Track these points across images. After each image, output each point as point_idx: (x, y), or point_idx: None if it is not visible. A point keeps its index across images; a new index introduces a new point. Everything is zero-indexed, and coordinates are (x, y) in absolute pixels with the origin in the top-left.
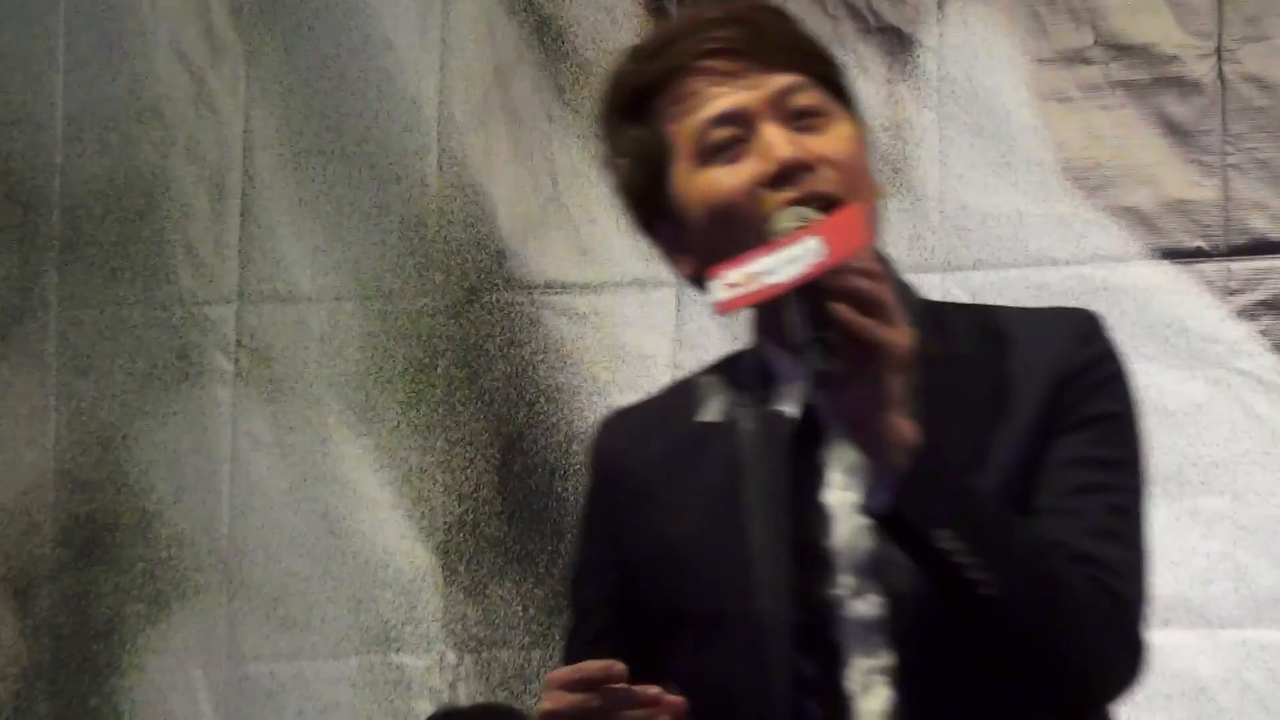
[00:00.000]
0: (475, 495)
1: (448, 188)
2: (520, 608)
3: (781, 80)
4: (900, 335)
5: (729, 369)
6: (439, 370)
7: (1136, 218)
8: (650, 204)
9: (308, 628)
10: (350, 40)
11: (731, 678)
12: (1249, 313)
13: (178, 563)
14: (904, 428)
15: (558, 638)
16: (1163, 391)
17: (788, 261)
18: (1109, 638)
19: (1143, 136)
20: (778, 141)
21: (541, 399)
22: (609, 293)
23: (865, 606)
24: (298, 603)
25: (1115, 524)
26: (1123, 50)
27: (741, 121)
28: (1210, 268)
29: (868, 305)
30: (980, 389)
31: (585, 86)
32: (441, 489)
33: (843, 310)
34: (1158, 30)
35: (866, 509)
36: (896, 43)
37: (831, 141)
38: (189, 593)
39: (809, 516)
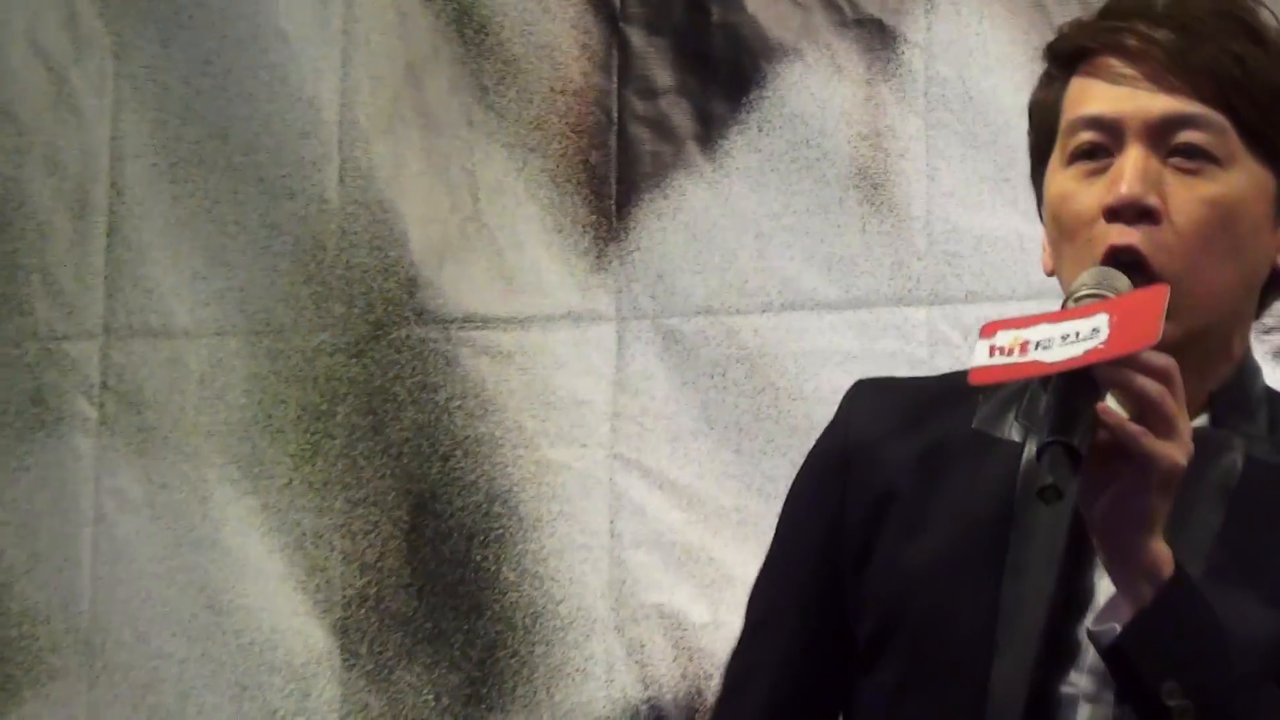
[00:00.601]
0: (379, 565)
1: (350, 204)
2: (431, 696)
3: (1175, 103)
4: (1174, 454)
5: (1021, 387)
6: (338, 418)
7: None
8: (1038, 178)
9: (183, 719)
10: (237, 32)
11: None
12: None
13: (30, 643)
14: (1159, 553)
15: None
16: None
17: (1068, 339)
18: None
19: None
20: (1130, 173)
21: (458, 451)
22: (538, 328)
23: (1091, 714)
24: (171, 690)
25: None
26: None
27: (1112, 133)
28: None
29: (1145, 409)
30: None
31: (512, 86)
32: (340, 557)
33: (1110, 414)
34: None
35: (1090, 633)
36: (878, 37)
37: (1197, 197)
38: (43, 678)
39: (1070, 590)
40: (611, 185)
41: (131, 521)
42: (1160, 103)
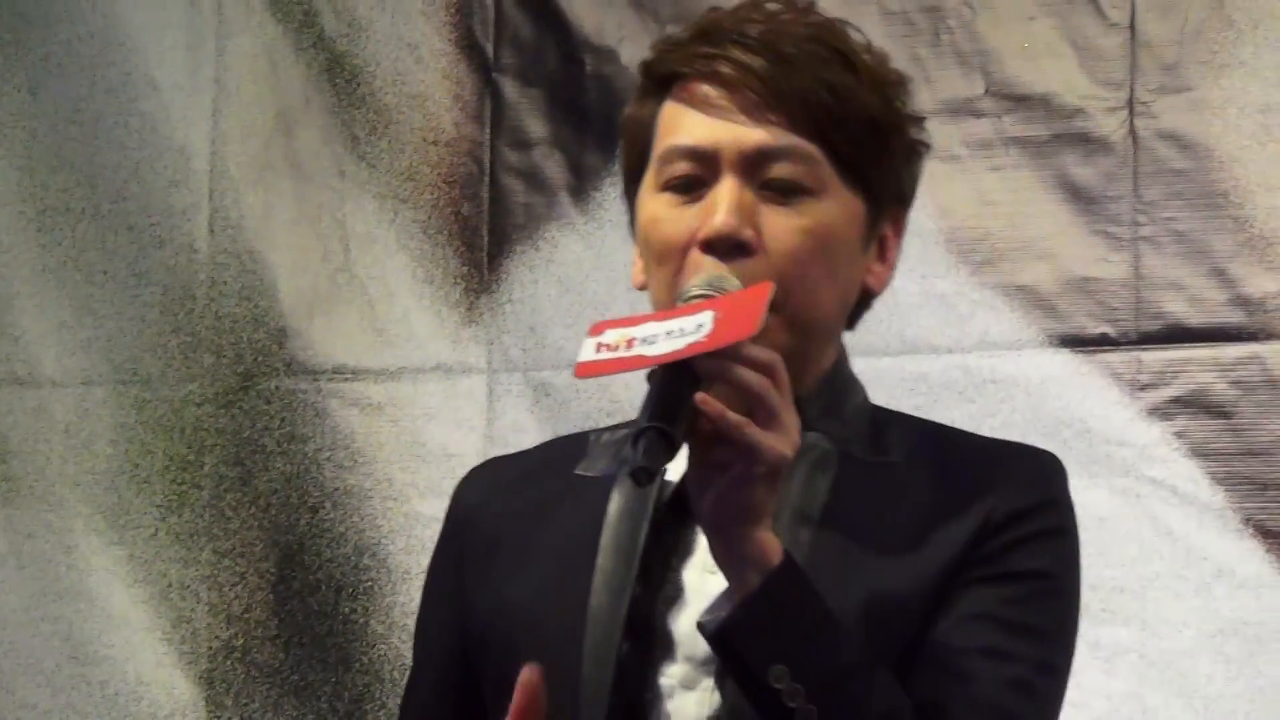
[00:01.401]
0: (246, 616)
1: (220, 254)
2: None
3: (769, 135)
4: (778, 444)
5: (627, 425)
6: (206, 469)
7: (1031, 298)
8: (631, 191)
9: None
10: (107, 79)
11: None
12: (1162, 411)
13: None
14: (765, 543)
15: None
16: None
17: (673, 334)
18: None
19: (1040, 203)
20: (724, 206)
21: (327, 503)
22: (408, 380)
23: (692, 703)
24: None
25: (1010, 700)
26: (1018, 101)
27: (708, 163)
28: (1117, 358)
29: (750, 401)
30: (905, 509)
31: (384, 137)
32: (206, 608)
33: (709, 403)
34: (1059, 78)
35: (700, 624)
36: None
37: (792, 227)
38: None
39: (661, 591)
40: (483, 236)
41: None
42: (754, 135)
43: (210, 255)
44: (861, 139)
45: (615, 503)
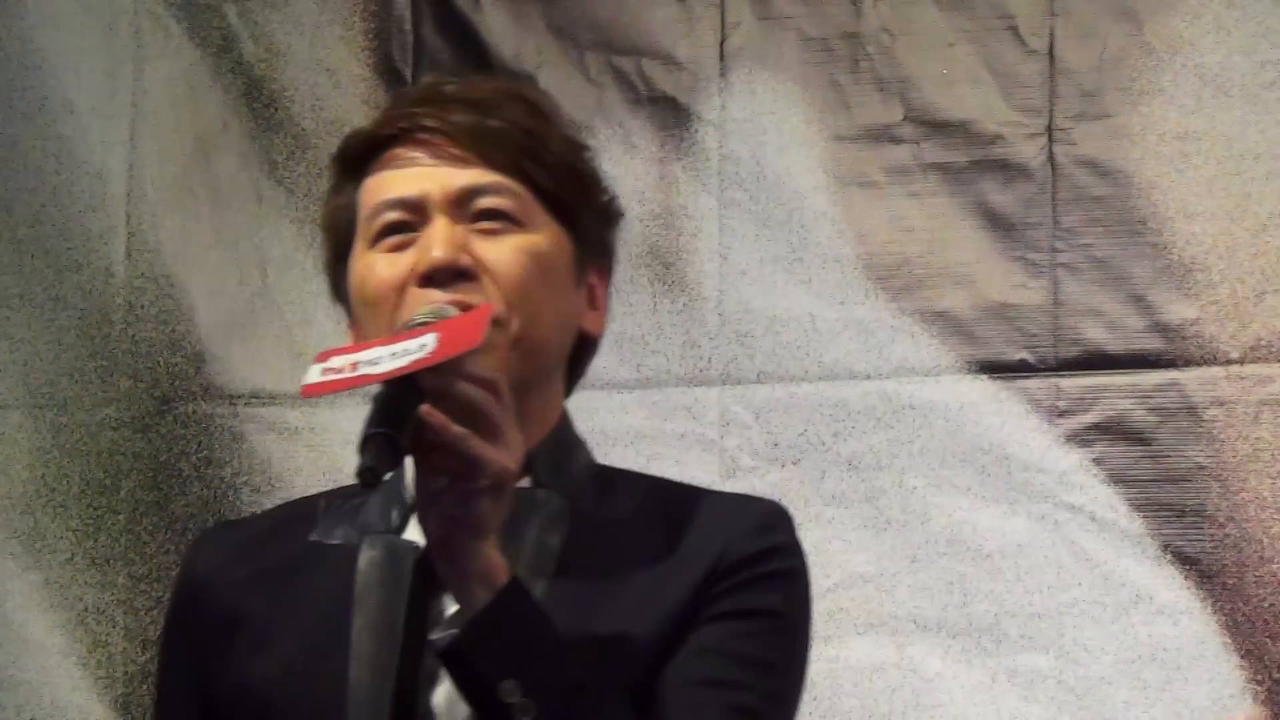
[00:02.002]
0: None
1: (137, 278)
2: None
3: (473, 175)
4: (500, 456)
5: (359, 493)
6: (122, 493)
7: (950, 325)
8: (337, 283)
9: None
10: (23, 103)
11: None
12: (1080, 438)
13: None
14: (492, 561)
15: None
16: (977, 529)
17: (397, 355)
18: None
19: (959, 229)
20: (438, 240)
21: None
22: (325, 405)
23: None
24: None
25: None
26: (937, 127)
27: (417, 210)
28: (1036, 384)
29: (471, 416)
30: (637, 560)
31: (302, 161)
32: (122, 633)
33: (433, 415)
34: (978, 104)
35: (431, 644)
36: (671, 115)
37: (506, 251)
38: None
39: (420, 661)
40: None
41: None
42: (460, 176)
43: (127, 279)
44: (560, 177)
45: (364, 573)
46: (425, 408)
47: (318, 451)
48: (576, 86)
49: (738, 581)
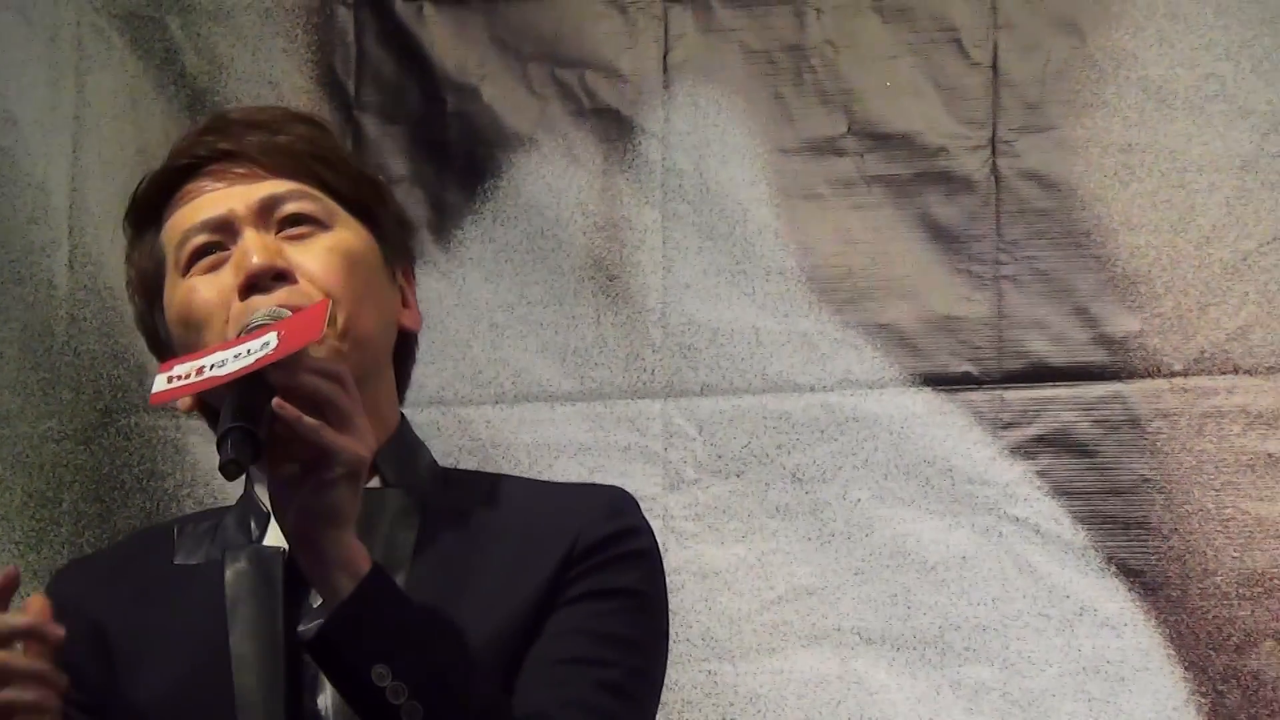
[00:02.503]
0: None
1: (80, 290)
2: None
3: (271, 186)
4: (352, 444)
5: (211, 515)
6: (65, 505)
7: (894, 337)
8: (153, 330)
9: None
10: None
11: None
12: (1024, 450)
13: None
14: (353, 549)
15: None
16: (922, 542)
17: (240, 356)
18: None
19: (902, 241)
20: (252, 249)
21: None
22: None
23: None
24: None
25: (602, 701)
26: (880, 140)
27: (224, 229)
28: (980, 397)
29: (320, 407)
30: (490, 551)
31: None
32: None
33: (285, 408)
34: (922, 117)
35: (299, 634)
36: (615, 127)
37: (317, 251)
38: None
39: (301, 670)
40: None
41: None
42: (259, 189)
43: (70, 292)
44: (354, 180)
45: (233, 585)
46: (277, 400)
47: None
48: (519, 98)
49: (593, 564)
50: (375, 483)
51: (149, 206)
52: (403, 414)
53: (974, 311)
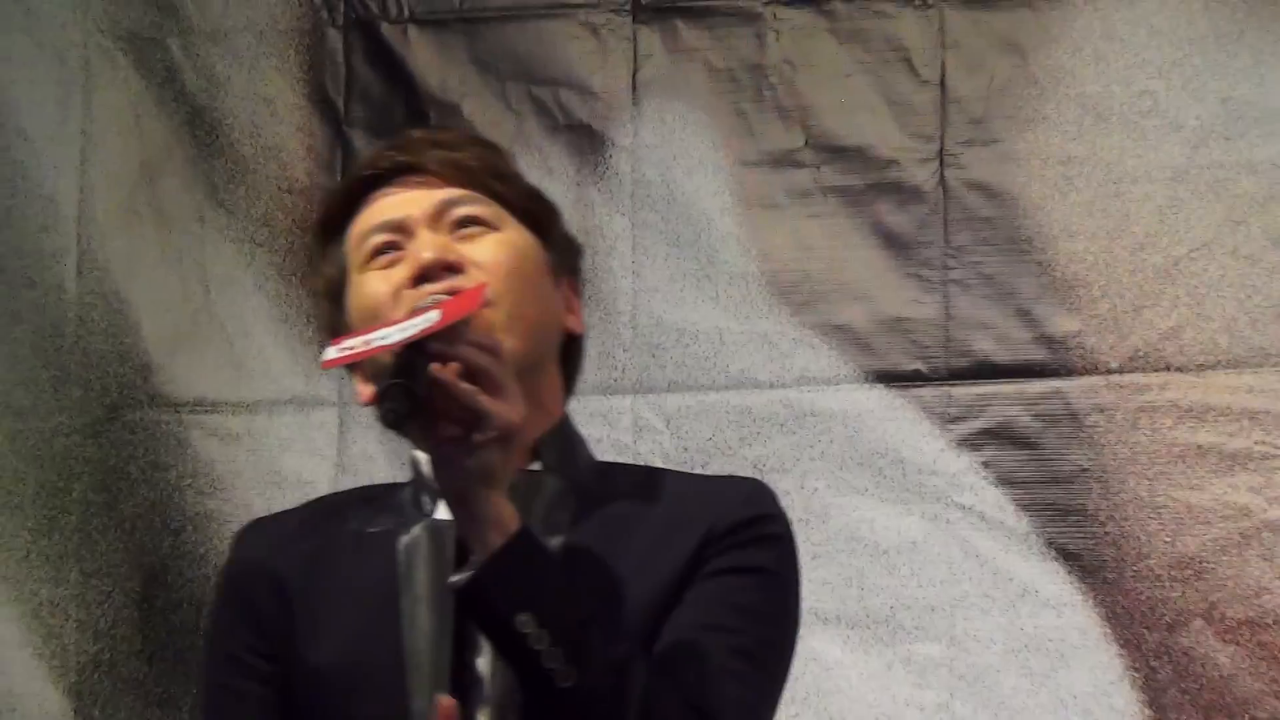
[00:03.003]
0: (112, 633)
1: (88, 294)
2: None
3: (447, 193)
4: (505, 409)
5: (383, 489)
6: (74, 495)
7: (848, 337)
8: (341, 331)
9: None
10: None
11: None
12: (970, 442)
13: None
14: (503, 508)
15: None
16: (874, 528)
17: (405, 329)
18: None
19: (856, 248)
20: (424, 245)
21: (188, 527)
22: (265, 412)
23: None
24: None
25: (734, 664)
26: (836, 153)
27: (401, 229)
28: (929, 393)
29: (475, 374)
30: (636, 536)
31: (241, 185)
32: (75, 625)
33: (443, 372)
34: (874, 131)
35: (451, 583)
36: (586, 141)
37: (486, 247)
38: None
39: (466, 637)
40: None
41: None
42: (435, 195)
43: (78, 295)
44: (526, 195)
45: (406, 554)
46: (435, 366)
47: (257, 455)
48: (497, 114)
49: (730, 544)
50: (537, 465)
51: (334, 219)
52: (567, 411)
53: (923, 313)
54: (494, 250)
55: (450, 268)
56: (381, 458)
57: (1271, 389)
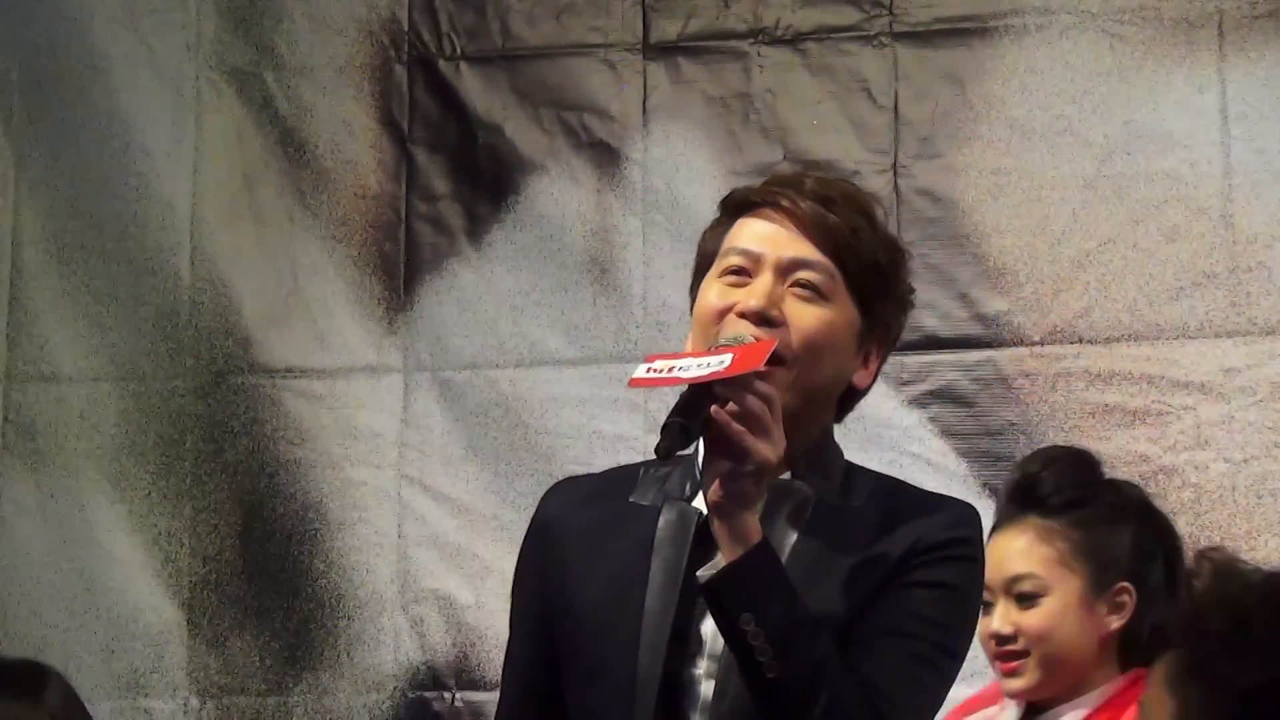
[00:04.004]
0: (219, 557)
1: (199, 281)
2: (258, 658)
3: (803, 250)
4: (766, 449)
5: (669, 464)
6: (187, 445)
7: None
8: (695, 289)
9: (65, 674)
10: (112, 147)
11: (606, 713)
12: (919, 402)
13: None
14: (750, 525)
15: (291, 685)
16: None
17: (702, 365)
18: None
19: None
20: (759, 291)
21: (280, 472)
22: (343, 378)
23: (711, 690)
24: (56, 651)
25: (913, 668)
26: (809, 165)
27: (755, 260)
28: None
29: (746, 417)
30: (859, 540)
31: (324, 191)
32: (188, 551)
33: (719, 413)
34: (840, 148)
35: (698, 577)
36: (606, 156)
37: (809, 315)
38: None
39: (696, 598)
40: (400, 268)
41: (27, 524)
42: (793, 248)
43: (191, 282)
44: (869, 270)
45: (662, 529)
46: (714, 408)
47: (336, 413)
48: (533, 134)
49: (926, 560)
50: (787, 475)
51: (736, 204)
52: (830, 428)
53: None
54: (813, 321)
55: (767, 321)
56: (439, 415)
57: (1165, 358)
